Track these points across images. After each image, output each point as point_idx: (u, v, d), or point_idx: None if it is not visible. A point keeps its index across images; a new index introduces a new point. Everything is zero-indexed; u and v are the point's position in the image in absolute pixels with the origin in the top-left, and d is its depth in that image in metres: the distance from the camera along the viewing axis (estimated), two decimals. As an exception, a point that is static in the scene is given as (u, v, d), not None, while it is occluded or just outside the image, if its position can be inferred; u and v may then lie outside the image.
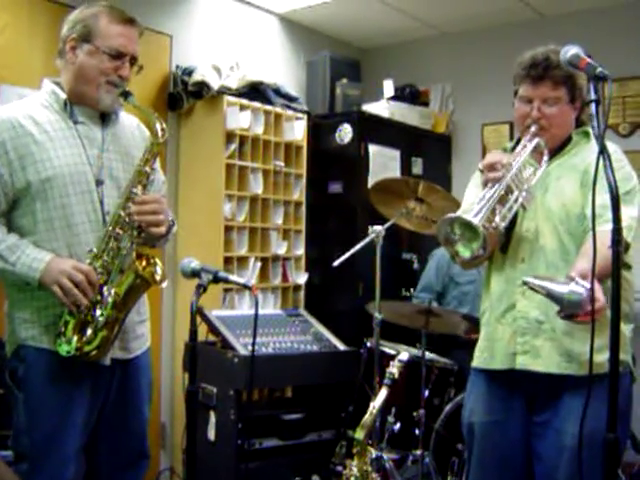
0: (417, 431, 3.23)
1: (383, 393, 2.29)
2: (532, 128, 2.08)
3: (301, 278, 4.14)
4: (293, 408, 3.44)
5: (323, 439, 3.45)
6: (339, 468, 3.17)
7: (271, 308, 3.93)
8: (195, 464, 2.07)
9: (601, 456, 1.51)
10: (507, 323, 2.12)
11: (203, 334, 3.33)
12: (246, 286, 2.11)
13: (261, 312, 3.49)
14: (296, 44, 4.78)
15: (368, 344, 3.44)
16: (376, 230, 3.24)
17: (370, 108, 4.47)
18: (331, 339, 3.60)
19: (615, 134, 4.23)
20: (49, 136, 2.02)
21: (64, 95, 2.07)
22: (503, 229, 1.96)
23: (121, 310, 2.02)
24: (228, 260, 3.76)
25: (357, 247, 3.26)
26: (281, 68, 4.63)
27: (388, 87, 4.61)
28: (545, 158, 2.09)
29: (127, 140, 2.17)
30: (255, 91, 3.99)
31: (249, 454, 3.15)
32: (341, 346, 3.56)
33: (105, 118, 2.13)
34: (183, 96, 3.87)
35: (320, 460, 3.36)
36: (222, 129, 3.75)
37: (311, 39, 4.85)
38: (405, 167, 4.53)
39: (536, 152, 2.09)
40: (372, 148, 4.30)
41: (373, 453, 2.47)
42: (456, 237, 1.89)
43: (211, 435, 3.22)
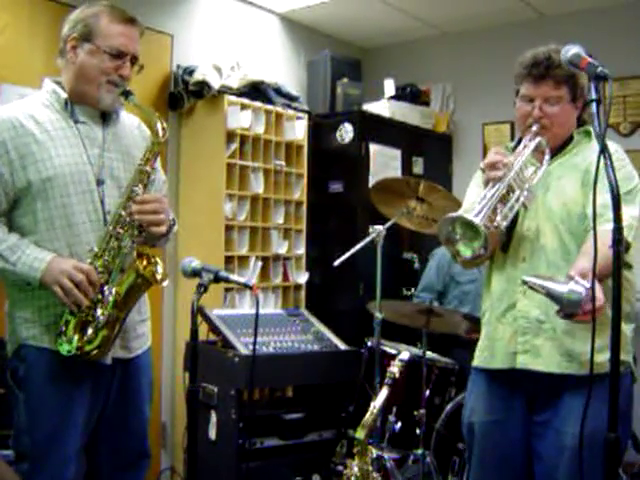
0: (418, 430, 3.22)
1: (384, 392, 2.29)
2: (533, 127, 2.08)
3: (302, 277, 4.14)
4: (294, 407, 3.44)
5: (324, 439, 3.44)
6: (340, 468, 3.16)
7: (272, 307, 3.93)
8: (196, 463, 2.07)
9: (601, 456, 1.50)
10: (508, 322, 2.12)
11: (204, 333, 3.34)
12: (247, 285, 2.10)
13: (262, 311, 3.50)
14: (297, 43, 4.78)
15: (369, 344, 3.43)
16: (377, 230, 3.24)
17: (371, 108, 4.47)
18: (332, 339, 3.60)
19: (616, 133, 4.24)
20: (50, 135, 2.02)
21: (65, 94, 2.07)
22: (504, 228, 1.96)
23: (122, 309, 2.02)
24: (229, 259, 3.76)
25: (358, 247, 3.26)
26: (282, 67, 4.63)
27: (389, 87, 4.61)
28: (546, 157, 2.09)
29: (128, 140, 2.17)
30: (256, 91, 3.99)
31: (250, 453, 3.15)
32: (342, 346, 3.56)
33: (106, 118, 2.13)
34: (184, 96, 3.86)
35: (321, 460, 3.36)
36: (223, 129, 3.75)
37: (312, 38, 4.85)
38: (406, 167, 4.53)
39: (537, 151, 2.08)
40: (373, 147, 4.30)
41: (374, 453, 2.47)
42: (457, 236, 1.89)
43: (212, 434, 3.22)
